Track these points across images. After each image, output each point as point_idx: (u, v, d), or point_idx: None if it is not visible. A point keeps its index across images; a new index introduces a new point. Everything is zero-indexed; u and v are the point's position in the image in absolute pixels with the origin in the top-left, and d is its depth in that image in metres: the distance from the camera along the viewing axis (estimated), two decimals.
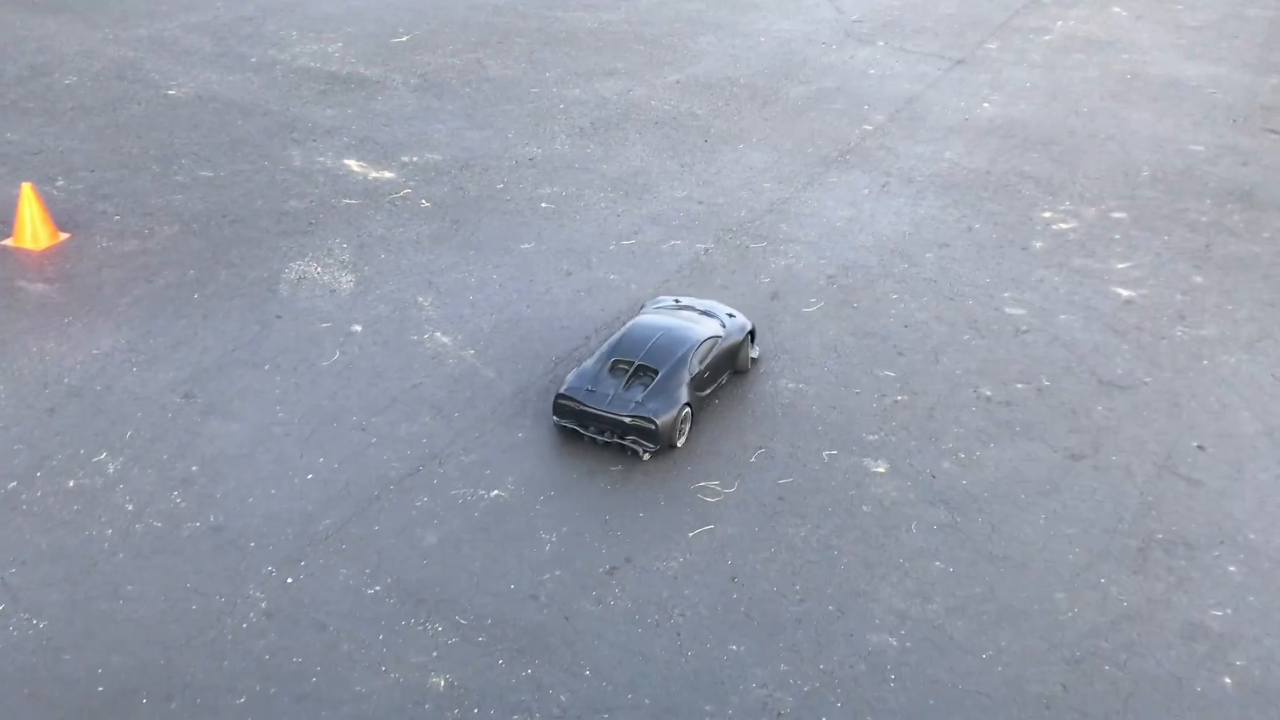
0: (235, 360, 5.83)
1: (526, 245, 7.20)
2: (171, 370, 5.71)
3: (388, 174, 8.05)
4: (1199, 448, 5.46)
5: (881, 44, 11.22)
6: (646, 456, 5.18)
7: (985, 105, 9.68)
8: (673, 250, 7.20)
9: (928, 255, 7.16)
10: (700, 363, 5.42)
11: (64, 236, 6.87)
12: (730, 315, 5.85)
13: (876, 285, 6.81)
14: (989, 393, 5.82)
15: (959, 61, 10.74)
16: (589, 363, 5.43)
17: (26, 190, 6.74)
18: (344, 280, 6.65)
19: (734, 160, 8.53)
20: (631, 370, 5.31)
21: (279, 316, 6.25)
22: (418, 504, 4.90)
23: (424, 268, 6.85)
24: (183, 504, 4.83)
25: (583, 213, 7.66)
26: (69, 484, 4.92)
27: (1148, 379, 5.97)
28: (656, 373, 5.29)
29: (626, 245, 7.23)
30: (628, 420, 5.13)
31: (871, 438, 5.43)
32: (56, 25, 10.64)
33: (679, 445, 5.28)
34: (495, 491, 5.00)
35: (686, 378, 5.32)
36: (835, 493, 5.07)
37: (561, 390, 5.30)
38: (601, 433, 5.22)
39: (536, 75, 10.16)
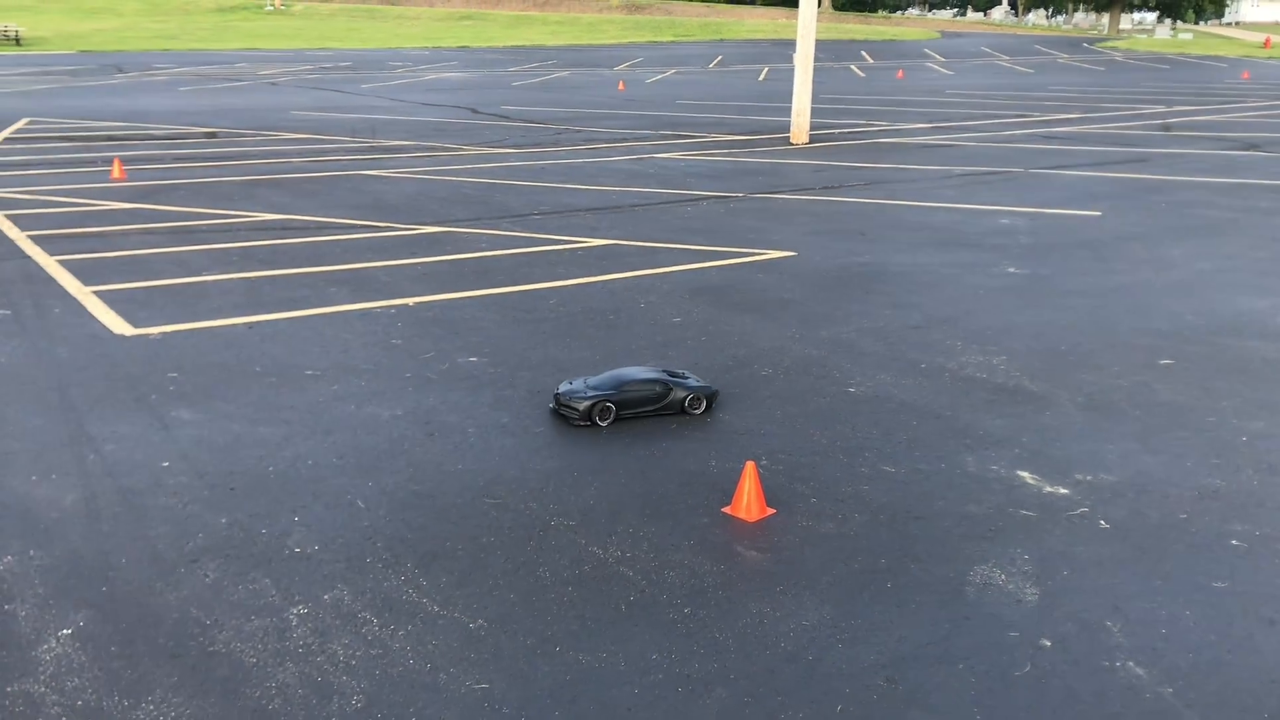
0: (929, 654, 6.08)
1: (1219, 584, 6.83)
2: (873, 653, 6.09)
3: (1062, 490, 8.14)
4: None
5: None
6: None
7: None
8: None
9: None
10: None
11: (771, 511, 7.73)
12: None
13: None
14: None
15: None
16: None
17: (749, 467, 7.73)
18: (1028, 592, 6.74)
19: None
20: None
21: (968, 618, 6.45)
22: None
23: (1109, 591, 6.74)
24: None
25: None
26: None
27: None
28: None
29: None
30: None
31: None
32: (752, 323, 12.32)
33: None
34: None
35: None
36: None
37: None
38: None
39: (1211, 404, 9.84)
